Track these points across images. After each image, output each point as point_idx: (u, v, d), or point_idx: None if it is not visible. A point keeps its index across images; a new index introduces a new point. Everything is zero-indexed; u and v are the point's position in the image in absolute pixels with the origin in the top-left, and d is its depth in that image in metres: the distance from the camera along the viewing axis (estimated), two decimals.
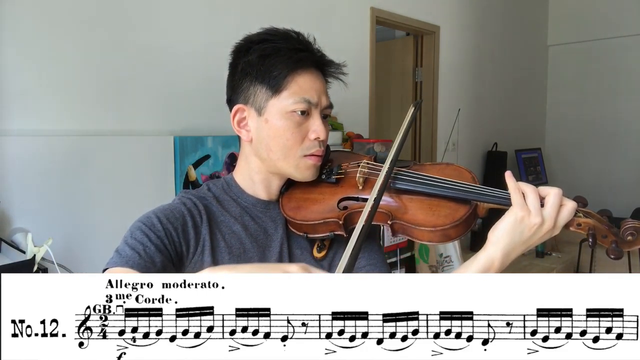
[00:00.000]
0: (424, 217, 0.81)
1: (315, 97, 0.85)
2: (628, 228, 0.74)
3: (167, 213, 0.83)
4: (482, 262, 0.76)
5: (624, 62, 4.89)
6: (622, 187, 4.90)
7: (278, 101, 0.84)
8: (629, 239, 0.74)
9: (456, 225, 0.79)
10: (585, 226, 0.76)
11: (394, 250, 2.63)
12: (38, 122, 1.78)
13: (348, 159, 0.97)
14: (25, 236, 1.50)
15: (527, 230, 0.74)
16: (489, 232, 0.77)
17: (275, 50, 0.84)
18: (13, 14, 1.71)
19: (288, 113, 0.84)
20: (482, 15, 4.27)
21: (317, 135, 0.86)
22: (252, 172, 0.92)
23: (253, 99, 0.86)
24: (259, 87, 0.85)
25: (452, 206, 0.81)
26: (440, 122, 3.88)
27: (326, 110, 0.89)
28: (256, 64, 0.84)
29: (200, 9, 2.25)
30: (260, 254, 0.88)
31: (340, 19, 2.98)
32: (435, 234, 0.80)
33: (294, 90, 0.84)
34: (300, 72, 0.85)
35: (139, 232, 0.78)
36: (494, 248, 0.75)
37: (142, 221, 0.81)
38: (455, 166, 0.90)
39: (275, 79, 0.83)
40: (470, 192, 0.81)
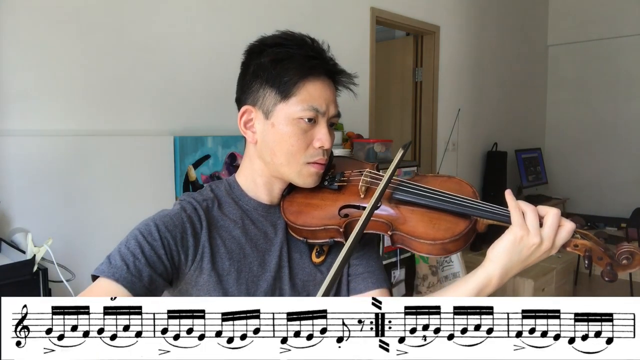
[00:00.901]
0: (424, 229, 0.82)
1: (324, 105, 0.86)
2: (623, 252, 0.76)
3: (166, 221, 0.82)
4: (480, 279, 0.77)
5: (624, 62, 4.90)
6: (622, 187, 4.90)
7: (286, 107, 0.84)
8: (624, 262, 0.76)
9: (456, 240, 0.80)
10: (582, 247, 0.77)
11: (394, 251, 2.64)
12: (38, 122, 1.78)
13: (351, 167, 0.97)
14: (25, 236, 1.50)
15: (525, 249, 0.76)
16: (488, 249, 0.78)
17: (288, 55, 0.84)
18: (13, 14, 1.71)
19: (295, 119, 0.84)
20: (482, 15, 4.27)
21: (322, 143, 0.86)
22: (255, 175, 0.92)
23: (262, 102, 0.87)
24: (269, 90, 0.85)
25: (452, 220, 0.82)
26: (440, 122, 3.88)
27: (333, 119, 0.90)
28: (268, 67, 0.85)
29: (201, 9, 2.25)
30: (260, 259, 0.88)
31: (340, 19, 2.99)
32: (434, 247, 0.81)
33: (303, 97, 0.84)
34: (311, 79, 0.85)
35: (134, 242, 0.78)
36: (493, 266, 0.77)
37: (139, 229, 0.80)
38: (458, 179, 0.90)
39: (286, 84, 0.84)
40: (471, 208, 0.81)
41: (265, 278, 0.88)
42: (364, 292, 0.94)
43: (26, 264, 1.41)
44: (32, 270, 1.41)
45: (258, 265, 0.87)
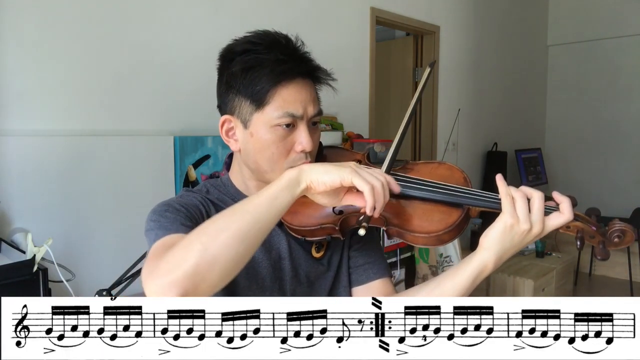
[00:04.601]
0: (418, 222, 0.83)
1: (300, 109, 0.83)
2: (615, 230, 0.77)
3: (181, 201, 0.85)
4: (475, 266, 0.79)
5: (624, 62, 4.89)
6: (622, 187, 4.90)
7: (262, 115, 0.83)
8: (615, 240, 0.77)
9: (449, 230, 0.82)
10: (573, 228, 0.78)
11: (394, 251, 2.64)
12: (38, 122, 1.78)
13: (341, 158, 0.96)
14: (25, 236, 1.50)
15: (517, 236, 0.77)
16: (480, 237, 0.79)
17: (258, 62, 0.82)
18: (13, 14, 1.71)
19: (272, 127, 0.83)
20: (482, 15, 4.27)
21: (303, 147, 0.84)
22: (245, 179, 0.93)
23: (238, 111, 0.85)
24: (243, 100, 0.84)
25: (445, 210, 0.83)
26: (440, 122, 3.88)
27: (314, 119, 0.87)
28: (239, 76, 0.83)
29: (201, 9, 2.25)
30: (265, 249, 0.90)
31: (341, 19, 2.98)
32: (429, 239, 0.82)
33: (277, 104, 0.82)
34: (284, 84, 0.82)
35: (167, 213, 0.80)
36: (487, 253, 0.78)
37: (161, 208, 0.82)
38: (448, 165, 0.91)
39: (258, 93, 0.82)
40: (463, 197, 0.83)
41: (264, 266, 0.89)
42: (365, 283, 0.95)
43: (26, 264, 1.41)
44: (32, 270, 1.41)
45: (262, 255, 0.89)
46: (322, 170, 0.73)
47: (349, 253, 0.97)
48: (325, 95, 0.93)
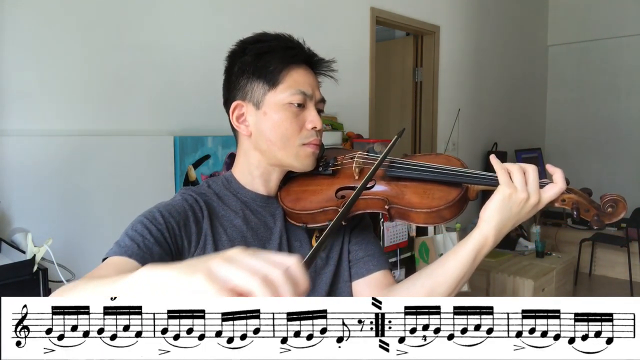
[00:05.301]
0: (419, 200, 0.86)
1: (310, 89, 0.90)
2: (608, 201, 0.81)
3: (169, 208, 0.85)
4: (477, 239, 0.81)
5: (624, 62, 4.90)
6: (622, 187, 4.90)
7: (275, 94, 0.88)
8: (609, 210, 0.81)
9: (450, 206, 0.84)
10: (569, 201, 0.82)
11: (394, 250, 2.64)
12: (38, 122, 1.78)
13: (342, 153, 1.01)
14: (25, 236, 1.50)
15: (515, 206, 0.79)
16: (480, 211, 0.82)
17: (270, 48, 0.89)
18: (13, 14, 1.71)
19: (285, 105, 0.88)
20: (482, 15, 4.28)
21: (314, 124, 0.90)
22: (252, 167, 0.94)
23: (251, 95, 0.90)
24: (256, 83, 0.89)
25: (444, 189, 0.86)
26: (440, 122, 3.88)
27: (319, 105, 0.93)
28: (252, 62, 0.89)
29: (200, 9, 2.25)
30: (262, 247, 0.90)
31: (340, 19, 2.99)
32: (430, 215, 0.85)
33: (289, 83, 0.88)
34: (294, 67, 0.90)
35: (140, 225, 0.80)
36: (487, 226, 0.80)
37: (144, 215, 0.83)
38: (445, 155, 0.94)
39: (272, 73, 0.88)
40: (460, 176, 0.86)
41: None
42: (366, 275, 0.96)
43: (26, 264, 1.41)
44: (32, 270, 1.41)
45: None
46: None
47: (349, 247, 0.99)
48: (326, 95, 0.96)
